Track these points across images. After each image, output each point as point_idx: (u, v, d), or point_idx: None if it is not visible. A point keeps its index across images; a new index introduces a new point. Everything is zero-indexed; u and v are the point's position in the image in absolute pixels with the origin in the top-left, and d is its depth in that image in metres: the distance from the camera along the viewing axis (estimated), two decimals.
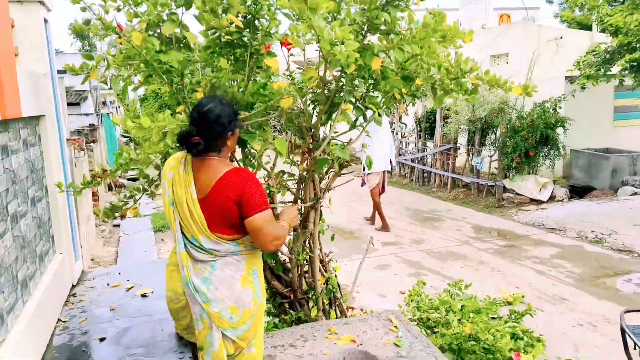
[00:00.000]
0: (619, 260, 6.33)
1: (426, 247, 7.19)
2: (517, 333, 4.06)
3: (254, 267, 2.39)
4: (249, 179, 2.26)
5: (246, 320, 2.34)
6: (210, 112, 2.22)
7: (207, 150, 2.24)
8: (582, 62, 9.26)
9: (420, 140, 12.04)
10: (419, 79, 2.77)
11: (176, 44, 2.67)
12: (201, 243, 2.27)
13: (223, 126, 2.24)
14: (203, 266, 2.31)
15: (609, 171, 9.53)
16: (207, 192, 2.24)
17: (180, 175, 2.29)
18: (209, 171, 2.26)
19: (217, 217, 2.26)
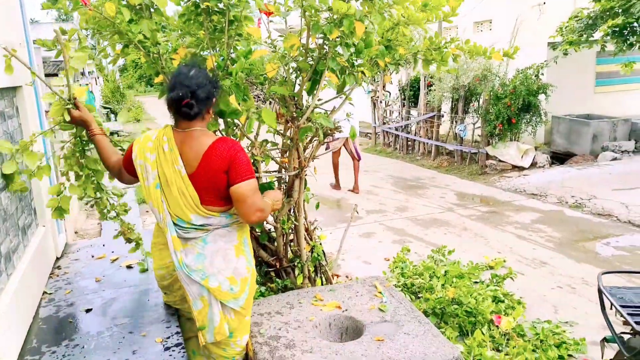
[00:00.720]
0: (598, 224, 6.47)
1: (410, 214, 7.27)
2: (498, 296, 4.17)
3: (244, 237, 2.40)
4: (237, 147, 2.24)
5: (244, 289, 2.36)
6: (197, 76, 2.19)
7: (195, 115, 2.21)
8: (565, 28, 9.24)
9: (404, 109, 12.02)
10: (401, 48, 2.76)
11: (147, 12, 2.59)
12: (191, 221, 2.25)
13: (209, 92, 2.21)
14: (193, 242, 2.30)
15: (590, 137, 9.65)
16: (196, 166, 2.21)
17: (165, 154, 2.23)
18: (194, 144, 2.22)
19: (208, 190, 2.23)
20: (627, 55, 9.40)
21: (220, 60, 2.67)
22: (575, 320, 4.02)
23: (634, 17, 8.01)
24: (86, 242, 4.09)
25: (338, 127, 3.15)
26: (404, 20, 2.81)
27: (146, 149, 2.30)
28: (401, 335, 2.57)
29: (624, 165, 8.96)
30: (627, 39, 8.71)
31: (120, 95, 25.72)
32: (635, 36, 8.64)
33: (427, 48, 2.88)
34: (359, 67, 2.83)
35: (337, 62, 2.74)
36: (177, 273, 2.34)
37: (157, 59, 2.76)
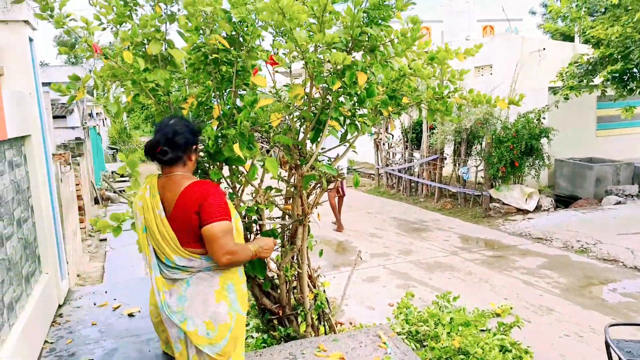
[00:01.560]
0: (604, 270, 6.41)
1: (414, 258, 7.22)
2: (505, 346, 4.09)
3: (229, 282, 2.40)
4: (210, 189, 2.30)
5: (224, 335, 2.34)
6: (175, 125, 2.33)
7: (172, 161, 2.32)
8: (565, 73, 9.41)
9: (406, 151, 12.11)
10: (405, 97, 2.81)
11: (162, 62, 2.68)
12: (175, 262, 2.30)
13: (186, 139, 2.33)
14: (179, 284, 2.35)
15: (593, 180, 9.66)
16: (172, 208, 2.29)
17: (147, 200, 2.34)
18: (173, 187, 2.32)
19: (184, 231, 2.29)
20: (627, 100, 9.53)
21: (227, 109, 2.72)
22: None
23: (632, 63, 8.16)
24: (89, 288, 4.06)
25: (342, 175, 3.18)
26: (410, 72, 2.88)
27: (138, 197, 2.43)
28: None
29: (629, 209, 8.93)
30: (627, 84, 8.86)
31: (127, 136, 26.04)
32: (634, 82, 8.78)
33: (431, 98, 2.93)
34: (362, 117, 2.88)
35: (339, 111, 2.80)
36: (161, 314, 2.38)
37: (167, 107, 2.82)
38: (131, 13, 2.67)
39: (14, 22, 3.27)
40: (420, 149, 11.49)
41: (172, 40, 2.69)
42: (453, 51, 2.76)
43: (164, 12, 2.63)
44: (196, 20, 2.53)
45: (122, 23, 2.67)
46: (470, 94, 2.83)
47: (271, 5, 2.34)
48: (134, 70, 2.58)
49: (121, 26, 2.67)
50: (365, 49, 2.77)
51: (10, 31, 3.26)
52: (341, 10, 2.66)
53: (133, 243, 7.80)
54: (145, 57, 2.62)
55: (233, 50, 2.59)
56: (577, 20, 8.99)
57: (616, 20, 8.30)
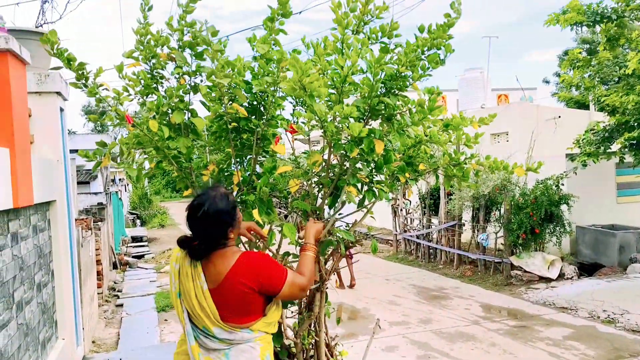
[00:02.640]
0: (633, 342, 6.13)
1: (434, 327, 7.01)
2: None
3: (267, 353, 2.35)
4: (260, 263, 2.26)
5: None
6: (205, 216, 2.18)
7: (208, 251, 2.23)
8: (582, 140, 9.45)
9: (424, 217, 12.06)
10: (422, 164, 2.85)
11: (184, 130, 2.78)
12: (214, 333, 2.25)
13: (220, 227, 2.22)
14: (216, 355, 2.27)
15: (616, 248, 9.45)
16: (220, 282, 2.22)
17: (187, 267, 2.28)
18: (218, 261, 2.24)
19: (232, 307, 2.23)
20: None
21: (247, 175, 2.79)
22: None
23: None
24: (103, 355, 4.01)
25: (360, 241, 3.18)
26: (426, 139, 2.94)
27: (174, 258, 2.36)
28: None
29: None
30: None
31: (147, 202, 26.42)
32: None
33: (447, 164, 2.97)
34: (379, 184, 2.92)
35: (357, 178, 2.84)
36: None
37: (188, 173, 2.90)
38: (157, 85, 2.81)
39: (47, 94, 3.46)
40: (438, 215, 11.44)
41: (195, 109, 2.80)
42: (468, 119, 2.82)
43: (187, 84, 2.76)
44: (219, 91, 2.64)
45: (148, 94, 2.80)
46: (487, 160, 2.86)
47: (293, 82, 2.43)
48: (158, 138, 2.68)
49: (147, 97, 2.81)
50: (383, 117, 2.85)
51: (43, 102, 3.44)
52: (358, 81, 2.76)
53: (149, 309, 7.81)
54: (169, 126, 2.73)
55: (254, 118, 2.69)
56: (591, 89, 9.13)
57: (630, 88, 8.40)
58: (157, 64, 2.71)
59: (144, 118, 2.76)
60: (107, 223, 11.61)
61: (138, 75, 2.74)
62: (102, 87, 2.68)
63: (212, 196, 2.25)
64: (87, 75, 2.65)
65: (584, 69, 9.15)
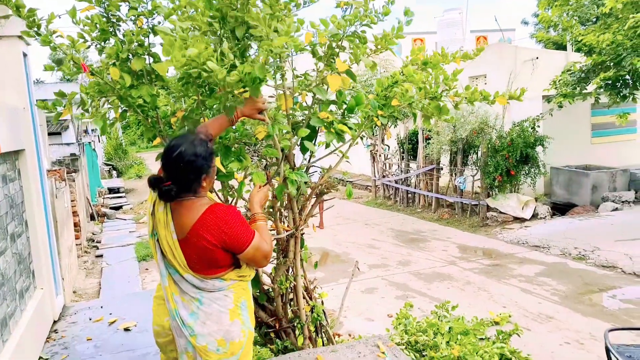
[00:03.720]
0: (603, 277, 6.39)
1: (412, 268, 7.19)
2: (505, 354, 4.06)
3: (242, 300, 2.36)
4: (226, 218, 2.19)
5: (235, 352, 2.30)
6: (181, 157, 2.12)
7: (179, 194, 2.18)
8: (558, 81, 9.46)
9: (403, 162, 12.13)
10: (395, 100, 2.80)
11: (147, 77, 2.66)
12: (186, 279, 2.25)
13: (196, 171, 2.16)
14: (190, 299, 2.28)
15: (589, 187, 9.68)
16: (186, 234, 2.19)
17: (160, 213, 2.25)
18: (186, 213, 2.20)
19: (198, 260, 2.21)
20: (621, 107, 9.58)
21: None
22: None
23: (625, 70, 8.21)
24: (84, 304, 4.02)
25: (334, 186, 3.17)
26: (402, 78, 2.88)
27: (150, 199, 2.34)
28: None
29: (625, 215, 8.94)
30: (620, 91, 8.91)
31: (123, 152, 26.00)
32: (627, 88, 8.83)
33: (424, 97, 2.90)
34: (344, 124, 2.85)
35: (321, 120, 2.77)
36: (171, 322, 2.33)
37: (155, 122, 2.81)
38: (114, 29, 2.64)
39: (7, 38, 3.28)
40: (417, 160, 11.51)
41: (158, 54, 2.66)
42: (449, 55, 2.75)
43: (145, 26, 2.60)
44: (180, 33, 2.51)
45: (106, 39, 2.65)
46: (466, 90, 2.81)
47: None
48: (120, 86, 2.56)
49: (105, 42, 2.66)
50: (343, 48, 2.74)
51: (4, 46, 3.27)
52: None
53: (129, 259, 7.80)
54: (130, 73, 2.59)
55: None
56: (569, 29, 9.06)
57: (607, 28, 8.37)
58: (112, 6, 2.55)
59: (102, 65, 2.63)
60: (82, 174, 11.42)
61: (93, 20, 2.58)
62: (56, 35, 2.53)
63: (190, 140, 2.18)
64: (38, 23, 2.49)
65: (562, 7, 9.05)
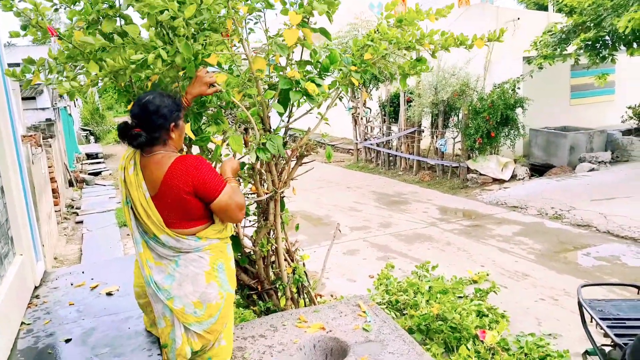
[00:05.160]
0: (578, 235, 6.56)
1: (394, 230, 7.29)
2: (482, 310, 4.19)
3: (219, 262, 2.38)
4: (195, 165, 2.23)
5: (213, 314, 2.34)
6: (149, 104, 2.20)
7: (149, 143, 2.22)
8: (539, 42, 9.46)
9: (384, 125, 12.13)
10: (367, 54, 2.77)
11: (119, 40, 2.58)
12: (162, 241, 2.26)
13: (163, 117, 2.21)
14: (166, 262, 2.30)
15: (567, 149, 9.82)
16: (158, 187, 2.22)
17: (130, 177, 2.26)
18: (156, 167, 2.23)
19: (173, 211, 2.24)
20: (600, 68, 9.64)
21: None
22: (559, 332, 4.06)
23: (605, 30, 8.23)
24: (65, 269, 4.01)
25: (315, 148, 3.16)
26: (377, 37, 2.84)
27: (120, 166, 2.35)
28: (386, 354, 2.56)
29: (601, 175, 9.12)
30: (600, 52, 8.95)
31: (100, 117, 25.50)
32: (607, 49, 8.87)
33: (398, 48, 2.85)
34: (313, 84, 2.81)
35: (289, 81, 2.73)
36: (146, 289, 2.36)
37: (128, 86, 2.75)
38: None
39: None
40: (398, 123, 11.52)
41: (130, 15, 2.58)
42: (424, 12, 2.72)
43: None
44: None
45: (75, 2, 2.55)
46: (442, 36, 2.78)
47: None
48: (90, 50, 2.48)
49: (74, 5, 2.56)
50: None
51: None
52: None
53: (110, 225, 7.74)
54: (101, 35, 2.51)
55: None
56: None
57: None
58: None
59: (69, 29, 2.53)
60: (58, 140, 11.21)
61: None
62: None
63: (159, 92, 2.29)
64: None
65: None
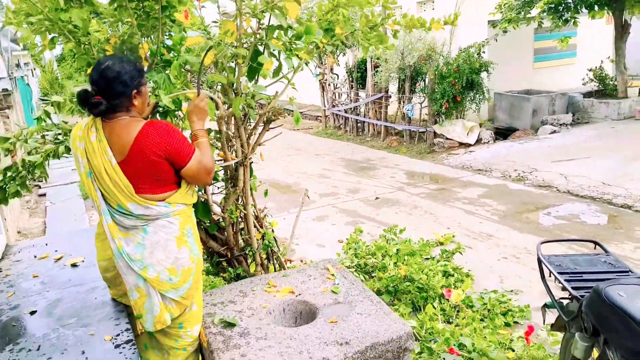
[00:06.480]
0: (540, 196, 6.75)
1: (362, 195, 7.36)
2: (448, 271, 4.31)
3: (188, 227, 2.37)
4: (167, 129, 2.21)
5: (187, 279, 2.34)
6: (108, 70, 2.13)
7: (111, 110, 2.17)
8: (504, 5, 9.50)
9: (352, 91, 12.09)
10: (338, 27, 2.75)
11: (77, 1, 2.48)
12: (129, 210, 2.22)
13: (124, 84, 2.15)
14: (135, 232, 2.27)
15: (530, 112, 10.00)
16: (127, 153, 2.16)
17: (93, 144, 2.19)
18: (122, 132, 2.17)
19: (143, 176, 2.20)
20: (563, 31, 9.77)
21: (154, 48, 2.59)
22: (520, 289, 4.21)
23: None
24: (28, 242, 3.93)
25: (282, 113, 3.14)
26: (343, 2, 2.81)
27: (77, 137, 2.26)
28: (354, 315, 2.61)
29: (563, 137, 9.36)
30: (562, 15, 9.06)
31: (59, 87, 24.64)
32: (569, 12, 8.98)
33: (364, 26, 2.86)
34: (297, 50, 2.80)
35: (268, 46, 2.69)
36: (115, 262, 2.31)
37: (88, 49, 2.65)
38: None
39: None
40: (366, 88, 11.49)
41: None
42: None
43: None
44: None
45: None
46: (404, 18, 2.79)
47: None
48: (49, 9, 2.38)
49: None
50: None
51: None
52: None
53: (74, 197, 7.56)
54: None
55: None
56: None
57: None
58: None
59: None
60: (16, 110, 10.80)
61: None
62: None
63: (118, 57, 2.21)
64: None
65: None
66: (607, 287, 1.97)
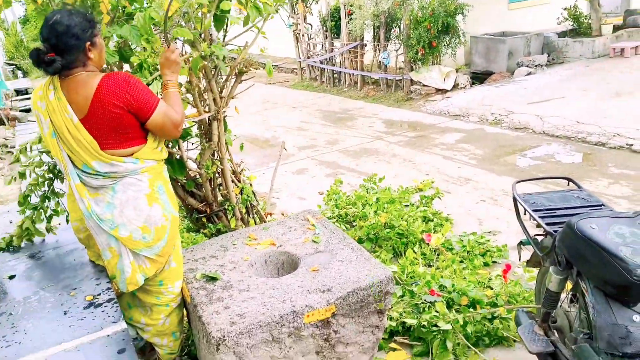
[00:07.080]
0: (516, 138, 6.81)
1: (341, 147, 7.34)
2: (427, 216, 4.37)
3: (158, 184, 2.33)
4: (126, 80, 2.14)
5: (161, 237, 2.32)
6: (57, 24, 2.03)
7: (67, 67, 2.09)
8: None
9: (327, 41, 11.85)
10: None
11: None
12: (95, 168, 2.16)
13: (76, 36, 2.06)
14: (104, 191, 2.22)
15: (506, 54, 9.95)
16: (88, 108, 2.10)
17: (52, 103, 2.12)
18: (80, 88, 2.10)
19: (106, 132, 2.14)
20: None
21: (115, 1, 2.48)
22: (498, 229, 4.30)
23: None
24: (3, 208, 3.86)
25: (253, 64, 3.06)
26: None
27: (37, 98, 2.20)
28: (335, 263, 2.65)
29: (538, 78, 9.37)
30: None
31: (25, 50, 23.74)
32: None
33: None
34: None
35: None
36: (86, 222, 2.29)
37: (47, 4, 2.53)
38: None
39: None
40: (340, 38, 11.27)
41: None
42: None
43: None
44: None
45: None
46: None
47: None
48: None
49: None
50: None
51: None
52: None
53: None
54: None
55: None
56: None
57: None
58: None
59: None
60: None
61: None
62: None
63: (67, 10, 2.12)
64: None
65: None
66: (579, 220, 2.01)
